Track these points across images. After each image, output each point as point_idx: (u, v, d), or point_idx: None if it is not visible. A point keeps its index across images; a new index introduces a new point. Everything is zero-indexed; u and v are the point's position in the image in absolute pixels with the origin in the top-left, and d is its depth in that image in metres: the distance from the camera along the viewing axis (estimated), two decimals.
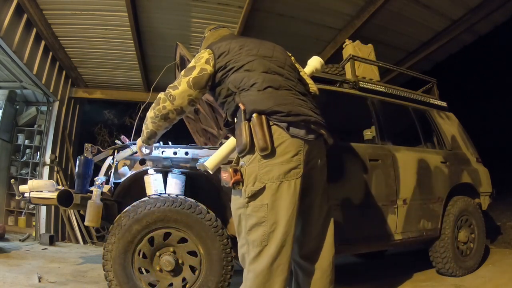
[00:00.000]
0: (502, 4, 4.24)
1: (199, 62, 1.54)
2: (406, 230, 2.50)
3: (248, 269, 1.34)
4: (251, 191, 1.32)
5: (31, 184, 2.21)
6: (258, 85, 1.43)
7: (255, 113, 1.34)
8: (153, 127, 1.61)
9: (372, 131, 2.65)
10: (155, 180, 2.11)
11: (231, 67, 1.51)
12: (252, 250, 1.32)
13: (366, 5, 4.16)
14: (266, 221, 1.31)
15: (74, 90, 5.79)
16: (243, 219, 1.36)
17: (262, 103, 1.37)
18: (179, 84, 1.52)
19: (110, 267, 1.88)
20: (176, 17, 4.33)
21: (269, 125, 1.34)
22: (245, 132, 1.34)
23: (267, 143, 1.30)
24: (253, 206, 1.33)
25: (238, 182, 1.35)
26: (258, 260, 1.30)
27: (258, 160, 1.33)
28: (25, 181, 4.85)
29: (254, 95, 1.40)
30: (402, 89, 3.01)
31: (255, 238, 1.31)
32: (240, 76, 1.47)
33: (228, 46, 1.56)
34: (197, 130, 3.44)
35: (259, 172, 1.32)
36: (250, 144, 1.32)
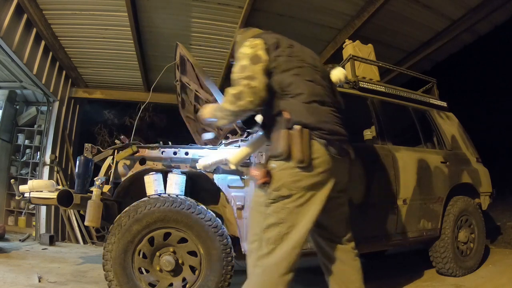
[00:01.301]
0: (502, 4, 4.24)
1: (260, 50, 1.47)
2: (406, 230, 2.50)
3: (255, 264, 1.37)
4: (277, 196, 1.38)
5: (31, 184, 2.21)
6: (304, 96, 1.45)
7: (299, 125, 1.38)
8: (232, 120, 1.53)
9: (372, 131, 2.65)
10: (155, 180, 2.11)
11: (280, 64, 1.48)
12: (265, 247, 1.36)
13: (366, 5, 4.16)
14: (284, 223, 1.37)
15: (74, 90, 5.79)
16: (262, 216, 1.41)
17: (308, 117, 1.41)
18: (254, 74, 1.43)
19: (110, 267, 1.88)
20: (176, 17, 4.33)
21: (310, 139, 1.39)
22: (284, 141, 1.37)
23: (305, 156, 1.36)
24: (274, 207, 1.38)
25: (266, 183, 1.39)
26: (268, 256, 1.35)
27: (291, 168, 1.37)
28: (25, 181, 4.85)
29: (300, 106, 1.43)
30: (402, 89, 3.01)
31: (270, 236, 1.37)
32: (288, 80, 1.47)
33: (278, 39, 1.53)
34: (197, 130, 3.44)
35: (289, 180, 1.37)
36: (287, 153, 1.36)
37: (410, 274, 2.83)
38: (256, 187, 1.47)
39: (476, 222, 2.91)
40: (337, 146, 1.45)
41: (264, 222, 1.39)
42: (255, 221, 1.44)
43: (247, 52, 1.49)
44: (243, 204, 2.09)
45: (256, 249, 1.38)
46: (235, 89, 1.46)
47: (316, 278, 3.09)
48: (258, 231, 1.40)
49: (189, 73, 2.85)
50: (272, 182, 1.39)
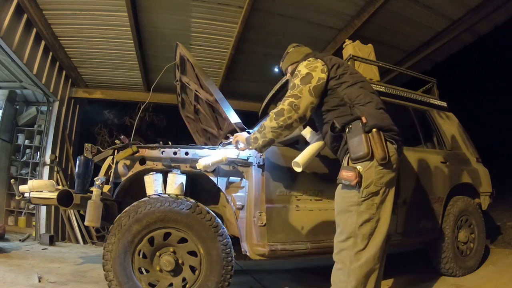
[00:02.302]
0: (502, 4, 4.24)
1: (315, 71, 1.71)
2: (406, 230, 2.50)
3: (353, 259, 1.52)
4: (368, 192, 1.56)
5: (31, 184, 2.21)
6: (374, 104, 1.69)
7: (375, 128, 1.59)
8: (273, 136, 1.74)
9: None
10: (155, 180, 2.11)
11: (345, 80, 1.72)
12: (360, 243, 1.54)
13: (366, 5, 4.16)
14: (374, 218, 1.56)
15: (74, 90, 5.79)
16: (355, 215, 1.56)
17: (382, 121, 1.65)
18: (300, 93, 1.67)
19: (110, 267, 1.88)
20: (176, 17, 4.33)
21: (386, 140, 1.61)
22: (366, 143, 1.56)
23: (386, 154, 1.57)
24: (366, 204, 1.56)
25: (358, 183, 1.55)
26: (366, 251, 1.53)
27: (375, 167, 1.56)
28: (25, 181, 4.85)
29: (373, 112, 1.65)
30: (402, 89, 3.01)
31: (365, 231, 1.55)
32: (356, 92, 1.70)
33: (338, 60, 1.78)
34: (197, 130, 3.44)
35: (375, 177, 1.56)
36: (371, 153, 1.55)
37: (410, 274, 2.83)
38: (344, 189, 1.61)
39: (476, 222, 2.91)
40: (401, 146, 1.70)
41: (358, 219, 1.54)
42: (349, 220, 1.57)
43: (302, 71, 1.73)
44: (243, 204, 2.09)
45: (352, 246, 1.54)
46: (278, 108, 1.70)
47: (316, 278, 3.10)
48: (352, 229, 1.55)
49: (189, 73, 2.85)
50: (363, 182, 1.55)
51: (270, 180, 2.08)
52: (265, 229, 2.01)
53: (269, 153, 2.11)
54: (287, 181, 2.12)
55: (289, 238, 2.06)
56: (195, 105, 3.08)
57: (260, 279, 2.91)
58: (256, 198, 2.05)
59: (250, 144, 1.84)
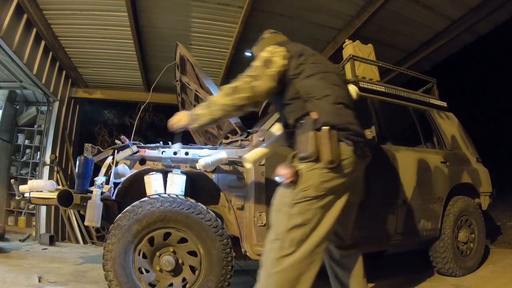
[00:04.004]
0: (502, 4, 4.24)
1: (276, 57, 1.52)
2: (406, 230, 2.50)
3: (275, 264, 1.36)
4: (303, 196, 1.37)
5: (31, 184, 2.21)
6: (331, 98, 1.47)
7: (327, 126, 1.37)
8: (222, 115, 1.54)
9: (372, 131, 2.64)
10: (155, 180, 2.11)
11: (304, 69, 1.52)
12: (287, 248, 1.36)
13: (366, 5, 4.16)
14: (309, 224, 1.37)
15: (74, 90, 5.79)
16: (286, 217, 1.39)
17: (336, 118, 1.42)
18: (261, 75, 1.48)
19: (110, 267, 1.88)
20: (176, 17, 4.33)
21: (339, 140, 1.39)
22: (313, 142, 1.37)
23: (335, 157, 1.35)
24: (300, 208, 1.37)
25: (293, 182, 1.39)
26: (290, 257, 1.35)
27: (319, 169, 1.37)
28: (25, 181, 4.85)
29: (327, 107, 1.44)
30: (402, 89, 3.01)
31: (294, 237, 1.36)
32: (313, 84, 1.50)
33: (302, 49, 1.58)
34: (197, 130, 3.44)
35: (318, 181, 1.37)
36: (317, 154, 1.36)
37: (410, 274, 2.83)
38: (281, 187, 1.46)
39: (476, 222, 2.91)
40: (361, 148, 1.46)
41: (288, 223, 1.37)
42: (279, 221, 1.42)
43: (264, 55, 1.54)
44: (243, 204, 2.09)
45: (278, 249, 1.37)
46: (233, 83, 1.49)
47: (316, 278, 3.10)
48: (281, 231, 1.38)
49: (189, 73, 2.85)
50: (299, 183, 1.38)
51: (270, 180, 2.07)
52: (265, 229, 2.00)
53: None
54: None
55: None
56: (195, 105, 3.08)
57: None
58: (256, 198, 2.05)
59: (193, 121, 1.61)
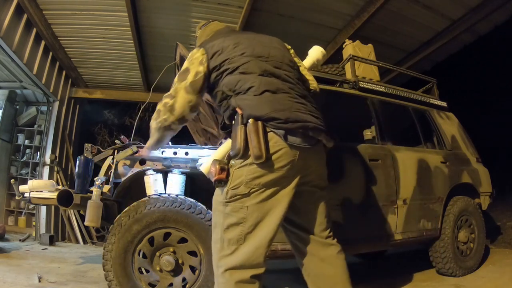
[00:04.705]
0: (502, 4, 4.24)
1: (193, 65, 1.47)
2: (406, 230, 2.50)
3: (218, 265, 1.32)
4: (234, 194, 1.31)
5: (31, 184, 2.21)
6: (254, 89, 1.37)
7: (251, 119, 1.30)
8: (158, 137, 1.54)
9: (372, 131, 2.64)
10: (155, 180, 2.12)
11: (225, 68, 1.44)
12: (227, 248, 1.31)
13: (366, 5, 4.16)
14: (245, 222, 1.31)
15: (74, 90, 5.79)
16: (221, 216, 1.35)
17: (259, 108, 1.33)
18: (175, 93, 1.45)
19: (110, 267, 1.88)
20: (176, 17, 4.33)
21: (266, 132, 1.31)
22: (240, 137, 1.30)
23: (262, 151, 1.27)
24: (232, 206, 1.32)
25: (221, 180, 1.33)
26: (231, 257, 1.30)
27: (249, 165, 1.30)
28: (25, 181, 4.85)
29: (250, 99, 1.36)
30: (402, 89, 3.01)
31: (231, 236, 1.31)
32: (235, 79, 1.41)
33: (222, 45, 1.48)
34: (197, 130, 3.44)
35: (247, 177, 1.30)
36: (244, 149, 1.29)
37: (410, 274, 2.82)
38: (215, 185, 1.40)
39: (476, 222, 2.91)
40: (301, 134, 1.34)
41: (224, 222, 1.33)
42: (216, 221, 1.37)
43: (184, 64, 1.49)
44: None
45: (219, 250, 1.33)
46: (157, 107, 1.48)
47: None
48: (219, 231, 1.34)
49: None
50: (230, 181, 1.32)
51: None
52: None
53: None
54: None
55: None
56: None
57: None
58: None
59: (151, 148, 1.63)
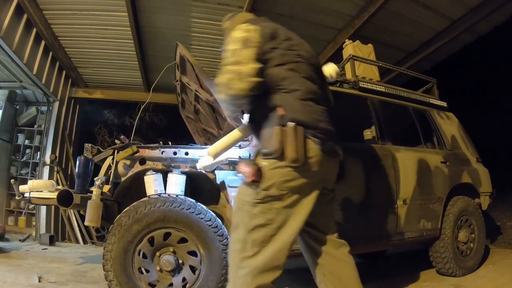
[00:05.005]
0: (502, 4, 4.24)
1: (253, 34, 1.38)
2: (406, 230, 2.50)
3: (239, 266, 1.31)
4: (265, 195, 1.31)
5: (31, 184, 2.21)
6: (300, 93, 1.38)
7: (294, 122, 1.30)
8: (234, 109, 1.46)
9: (372, 131, 2.65)
10: (155, 180, 2.11)
11: (275, 57, 1.40)
12: (249, 249, 1.30)
13: (366, 5, 4.16)
14: (272, 224, 1.31)
15: (74, 90, 5.79)
16: (247, 216, 1.33)
17: (304, 114, 1.35)
18: (242, 58, 1.34)
19: (110, 267, 1.88)
20: (176, 17, 4.33)
21: (305, 138, 1.32)
22: (277, 138, 1.29)
23: (299, 155, 1.28)
24: (262, 207, 1.31)
25: (255, 181, 1.31)
26: (253, 258, 1.29)
27: (282, 167, 1.30)
28: (25, 181, 4.85)
29: (295, 103, 1.36)
30: (402, 89, 3.01)
31: (256, 237, 1.30)
32: (282, 74, 1.39)
33: (275, 29, 1.44)
34: (197, 130, 3.44)
35: (280, 180, 1.30)
36: (281, 151, 1.29)
37: (410, 274, 2.83)
38: (242, 185, 1.38)
39: (476, 222, 2.91)
40: (330, 146, 1.39)
41: (250, 223, 1.31)
42: (241, 221, 1.35)
43: (239, 35, 1.39)
44: None
45: (240, 250, 1.31)
46: (221, 78, 1.37)
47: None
48: (243, 231, 1.32)
49: (189, 73, 2.85)
50: (262, 181, 1.30)
51: None
52: None
53: None
54: None
55: None
56: (195, 105, 3.08)
57: None
58: None
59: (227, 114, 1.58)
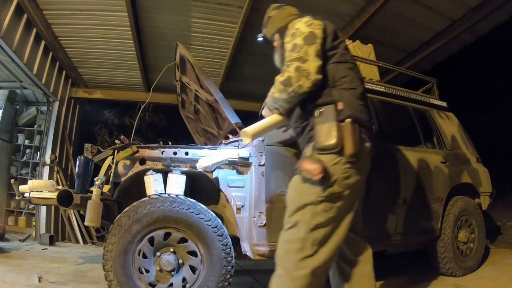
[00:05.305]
0: (502, 4, 4.24)
1: (317, 30, 1.41)
2: (406, 230, 2.50)
3: (299, 266, 1.29)
4: (330, 193, 1.31)
5: (31, 184, 2.21)
6: (357, 92, 1.43)
7: (351, 119, 1.33)
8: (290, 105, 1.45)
9: None
10: (155, 180, 2.11)
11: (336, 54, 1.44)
12: (310, 249, 1.30)
13: (366, 5, 4.16)
14: (331, 224, 1.32)
15: (74, 90, 5.79)
16: (309, 216, 1.31)
17: (360, 113, 1.39)
18: (306, 55, 1.35)
19: (110, 267, 1.88)
20: (176, 17, 4.33)
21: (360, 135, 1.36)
22: (337, 133, 1.30)
23: (358, 151, 1.31)
24: (325, 205, 1.31)
25: (323, 178, 1.30)
26: (313, 258, 1.29)
27: (342, 163, 1.32)
28: (25, 181, 4.85)
29: (353, 101, 1.40)
30: (402, 89, 3.00)
31: (317, 237, 1.30)
32: (343, 71, 1.43)
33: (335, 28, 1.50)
34: (197, 130, 3.45)
35: (341, 176, 1.32)
36: (340, 146, 1.30)
37: (410, 274, 2.83)
38: (303, 182, 1.36)
39: (476, 222, 2.91)
40: (373, 147, 1.45)
41: (312, 222, 1.30)
42: (301, 220, 1.33)
43: (304, 30, 1.41)
44: (243, 204, 2.09)
45: (299, 250, 1.29)
46: (283, 76, 1.38)
47: None
48: (303, 231, 1.30)
49: (189, 73, 2.86)
50: (326, 178, 1.29)
51: (270, 180, 2.07)
52: (265, 229, 2.01)
53: (269, 153, 2.11)
54: (287, 181, 2.10)
55: None
56: (195, 105, 3.08)
57: (260, 279, 2.91)
58: (256, 198, 2.05)
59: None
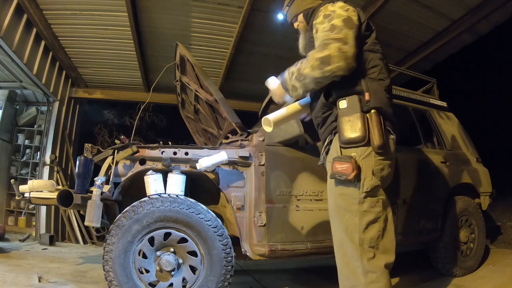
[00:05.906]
0: (502, 4, 4.24)
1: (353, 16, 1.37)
2: (406, 230, 2.50)
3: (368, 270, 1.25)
4: (371, 185, 1.27)
5: (31, 184, 2.21)
6: (385, 84, 1.39)
7: (376, 111, 1.31)
8: (315, 86, 1.38)
9: None
10: (155, 180, 2.11)
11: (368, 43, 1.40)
12: (368, 250, 1.26)
13: (366, 5, 4.16)
14: (381, 217, 1.29)
15: (74, 90, 5.79)
16: (357, 216, 1.27)
17: (386, 105, 1.37)
18: (347, 38, 1.29)
19: (110, 267, 1.88)
20: (176, 17, 4.34)
21: (385, 128, 1.35)
22: (363, 124, 1.28)
23: (385, 142, 1.29)
24: (370, 201, 1.28)
25: (357, 176, 1.27)
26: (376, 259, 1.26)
27: (373, 155, 1.29)
28: (25, 181, 4.85)
29: (381, 92, 1.36)
30: (402, 89, 3.00)
31: (372, 235, 1.27)
32: (375, 61, 1.39)
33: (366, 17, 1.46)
34: (197, 130, 3.45)
35: (376, 168, 1.29)
36: (367, 137, 1.28)
37: (410, 274, 2.83)
38: (337, 185, 1.33)
39: (476, 222, 2.91)
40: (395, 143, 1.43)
41: (361, 222, 1.26)
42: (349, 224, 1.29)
43: (340, 13, 1.35)
44: (243, 204, 2.09)
45: (360, 256, 1.25)
46: (322, 52, 1.28)
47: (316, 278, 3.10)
48: (356, 234, 1.26)
49: (189, 73, 2.85)
50: (361, 173, 1.26)
51: (270, 180, 2.08)
52: (265, 229, 2.01)
53: (269, 153, 2.11)
54: (287, 181, 2.12)
55: (289, 238, 2.06)
56: (195, 105, 3.08)
57: (260, 279, 2.91)
58: (256, 198, 2.05)
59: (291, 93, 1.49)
